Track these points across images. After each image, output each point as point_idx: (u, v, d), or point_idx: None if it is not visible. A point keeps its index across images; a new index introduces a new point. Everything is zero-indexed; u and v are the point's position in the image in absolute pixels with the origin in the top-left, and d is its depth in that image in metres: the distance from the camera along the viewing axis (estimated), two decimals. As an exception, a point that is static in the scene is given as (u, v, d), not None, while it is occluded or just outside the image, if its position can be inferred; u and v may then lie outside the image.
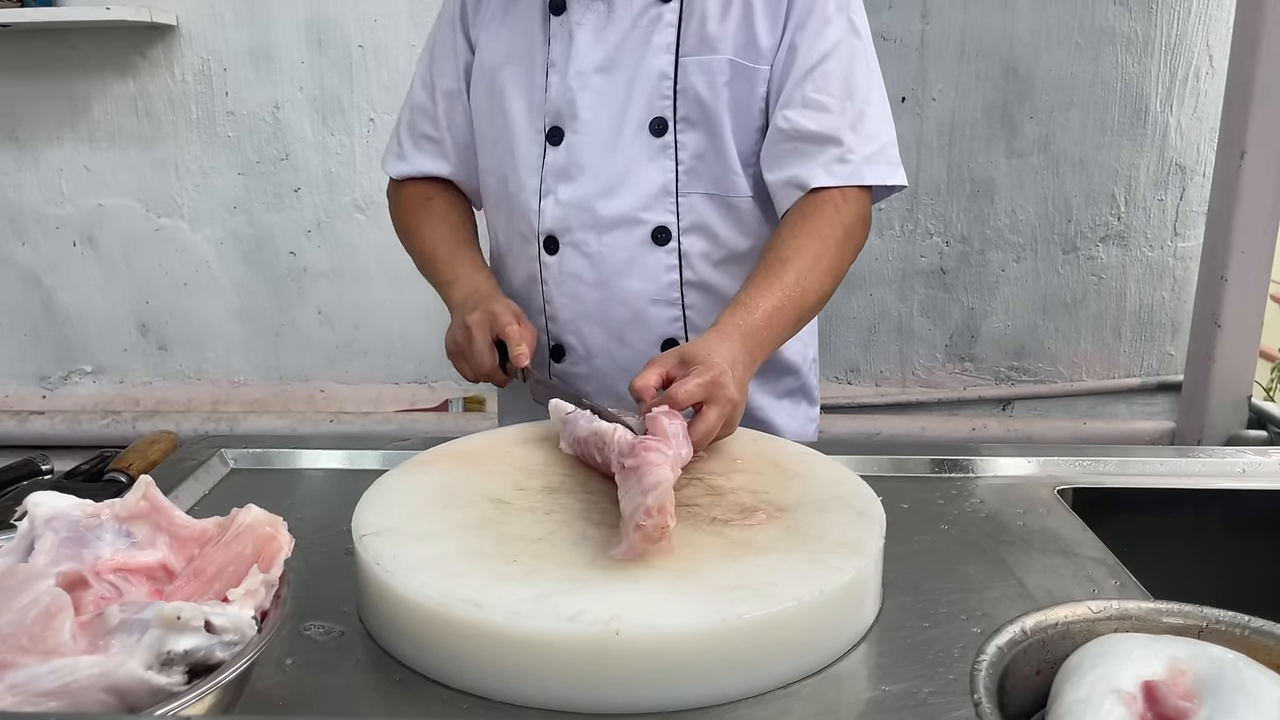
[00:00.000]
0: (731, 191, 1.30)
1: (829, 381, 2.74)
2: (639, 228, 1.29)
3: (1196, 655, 0.64)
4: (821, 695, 0.78)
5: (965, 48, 2.51)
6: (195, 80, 2.59)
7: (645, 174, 1.28)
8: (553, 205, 1.31)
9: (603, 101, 1.28)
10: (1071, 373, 2.71)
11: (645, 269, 1.30)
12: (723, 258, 1.32)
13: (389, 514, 0.93)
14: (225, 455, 1.28)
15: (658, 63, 1.26)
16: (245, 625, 0.67)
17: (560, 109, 1.29)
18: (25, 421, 2.71)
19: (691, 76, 1.26)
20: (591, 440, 1.02)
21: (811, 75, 1.25)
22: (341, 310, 2.72)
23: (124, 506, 0.76)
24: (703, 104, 1.27)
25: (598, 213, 1.29)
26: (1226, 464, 1.26)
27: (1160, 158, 2.55)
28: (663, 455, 0.90)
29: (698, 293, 1.32)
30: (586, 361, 1.35)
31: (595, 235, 1.30)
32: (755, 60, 1.27)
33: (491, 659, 0.76)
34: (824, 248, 1.22)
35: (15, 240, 2.71)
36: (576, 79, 1.28)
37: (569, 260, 1.31)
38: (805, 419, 1.44)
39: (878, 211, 2.57)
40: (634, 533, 0.81)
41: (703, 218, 1.30)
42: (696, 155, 1.28)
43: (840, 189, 1.25)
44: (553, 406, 1.12)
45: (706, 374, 1.03)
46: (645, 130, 1.27)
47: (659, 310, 1.32)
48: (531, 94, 1.31)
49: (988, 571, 0.98)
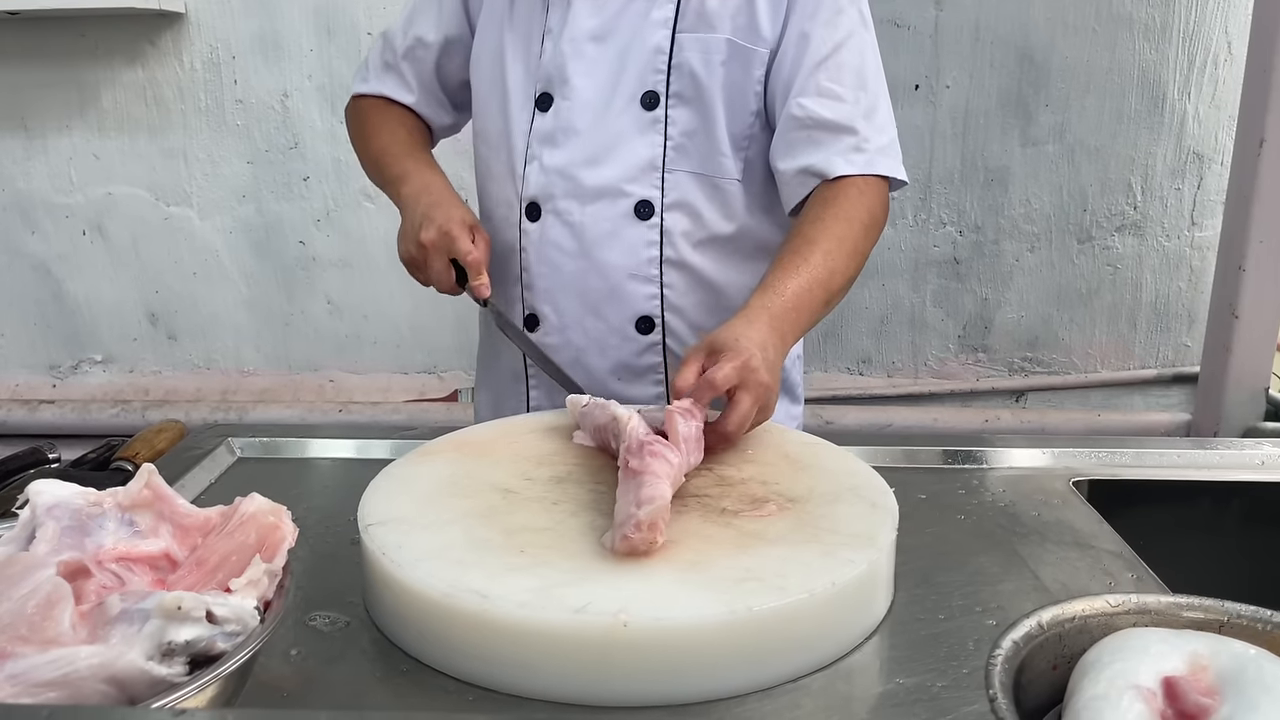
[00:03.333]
0: (718, 172, 1.29)
1: (840, 373, 2.72)
2: (622, 200, 1.28)
3: (1218, 650, 0.62)
4: (832, 689, 0.77)
5: (980, 34, 2.48)
6: (204, 68, 2.58)
7: (633, 146, 1.28)
8: (537, 171, 1.30)
9: (595, 70, 1.28)
10: (1086, 364, 2.69)
11: (626, 242, 1.29)
12: (704, 238, 1.31)
13: (395, 503, 0.92)
14: (232, 444, 1.27)
15: (654, 37, 1.26)
16: (247, 615, 0.67)
17: (551, 75, 1.29)
18: (35, 410, 2.72)
19: (687, 53, 1.26)
20: (609, 426, 1.01)
21: (825, 64, 1.25)
22: (351, 300, 2.72)
23: (126, 495, 0.75)
24: (697, 81, 1.26)
25: (582, 181, 1.29)
26: (1245, 456, 1.24)
27: (1178, 146, 2.52)
28: (667, 465, 0.89)
29: (677, 271, 1.31)
30: (559, 332, 1.34)
31: (578, 204, 1.29)
32: (754, 42, 1.26)
33: (498, 650, 0.75)
34: (849, 230, 1.20)
35: (25, 229, 2.71)
36: (570, 45, 1.28)
37: (550, 228, 1.31)
38: (787, 416, 1.43)
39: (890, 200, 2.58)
40: (619, 542, 0.81)
41: (687, 196, 1.29)
42: (686, 133, 1.28)
43: (861, 176, 1.24)
44: (570, 401, 1.12)
45: (737, 358, 1.01)
46: (636, 102, 1.27)
47: (636, 286, 1.31)
48: (528, 60, 1.32)
49: (1002, 564, 0.97)
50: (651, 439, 0.93)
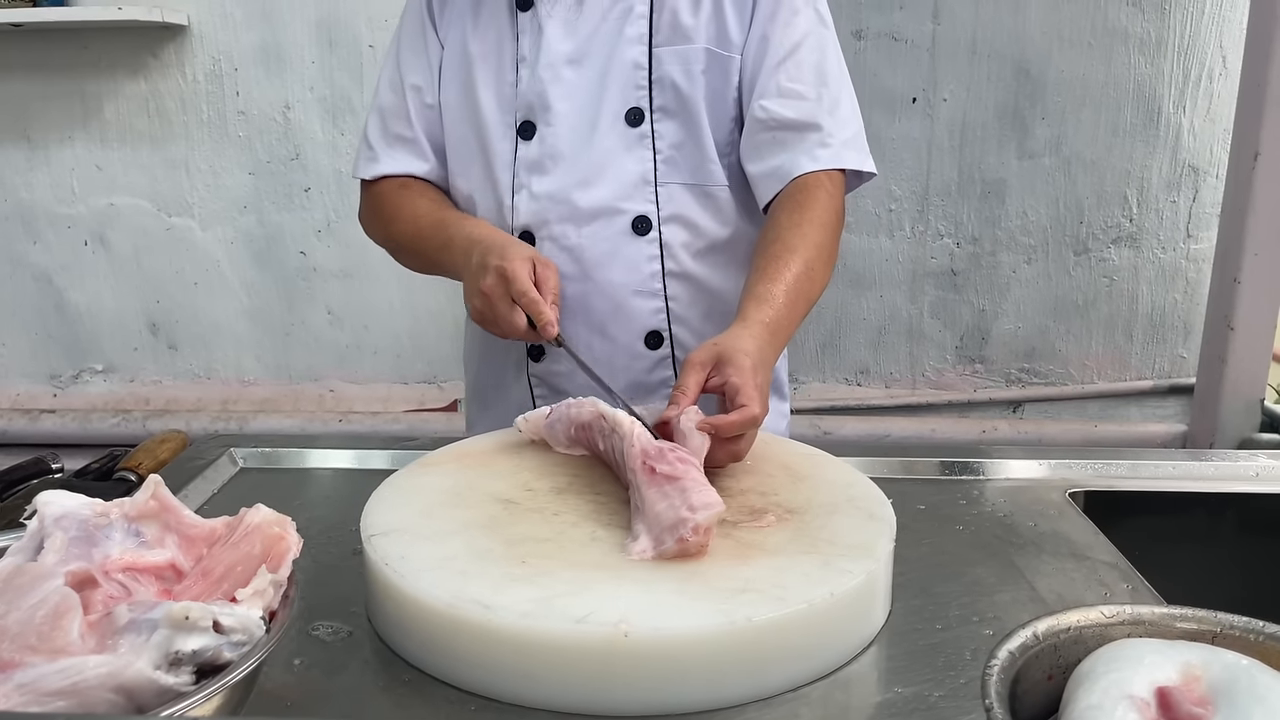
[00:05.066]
0: (709, 181, 1.30)
1: (838, 383, 2.73)
2: (619, 218, 1.29)
3: (1210, 661, 0.63)
4: (831, 699, 0.78)
5: (977, 48, 2.50)
6: (206, 80, 2.59)
7: (623, 164, 1.28)
8: (526, 200, 1.30)
9: (575, 93, 1.28)
10: (1082, 375, 2.70)
11: (626, 260, 1.29)
12: (703, 248, 1.32)
13: (398, 514, 0.93)
14: (234, 454, 1.28)
15: (631, 53, 1.27)
16: (253, 625, 0.67)
17: (531, 102, 1.28)
18: (36, 420, 2.72)
19: (667, 66, 1.27)
20: (596, 424, 1.01)
21: (784, 65, 1.26)
22: (351, 310, 2.73)
23: (133, 506, 0.76)
24: (680, 93, 1.27)
25: (576, 204, 1.28)
26: (1240, 467, 1.25)
27: (1173, 159, 2.54)
28: (702, 472, 0.90)
29: (680, 284, 1.32)
30: (567, 358, 1.33)
31: (574, 227, 1.29)
32: (728, 49, 1.28)
33: (499, 660, 0.76)
34: (825, 235, 1.21)
35: (27, 239, 2.72)
36: (548, 71, 1.27)
37: (547, 255, 1.29)
38: (777, 414, 1.44)
39: (887, 212, 2.60)
40: (675, 543, 0.82)
41: (682, 208, 1.30)
42: (674, 145, 1.29)
43: (826, 173, 1.25)
44: (521, 421, 1.10)
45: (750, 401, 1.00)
46: (621, 120, 1.27)
47: (641, 302, 1.31)
48: (501, 89, 1.30)
49: (998, 575, 0.98)
50: (670, 445, 0.93)
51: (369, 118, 1.39)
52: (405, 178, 1.37)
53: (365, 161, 1.38)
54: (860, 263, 2.63)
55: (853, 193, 1.33)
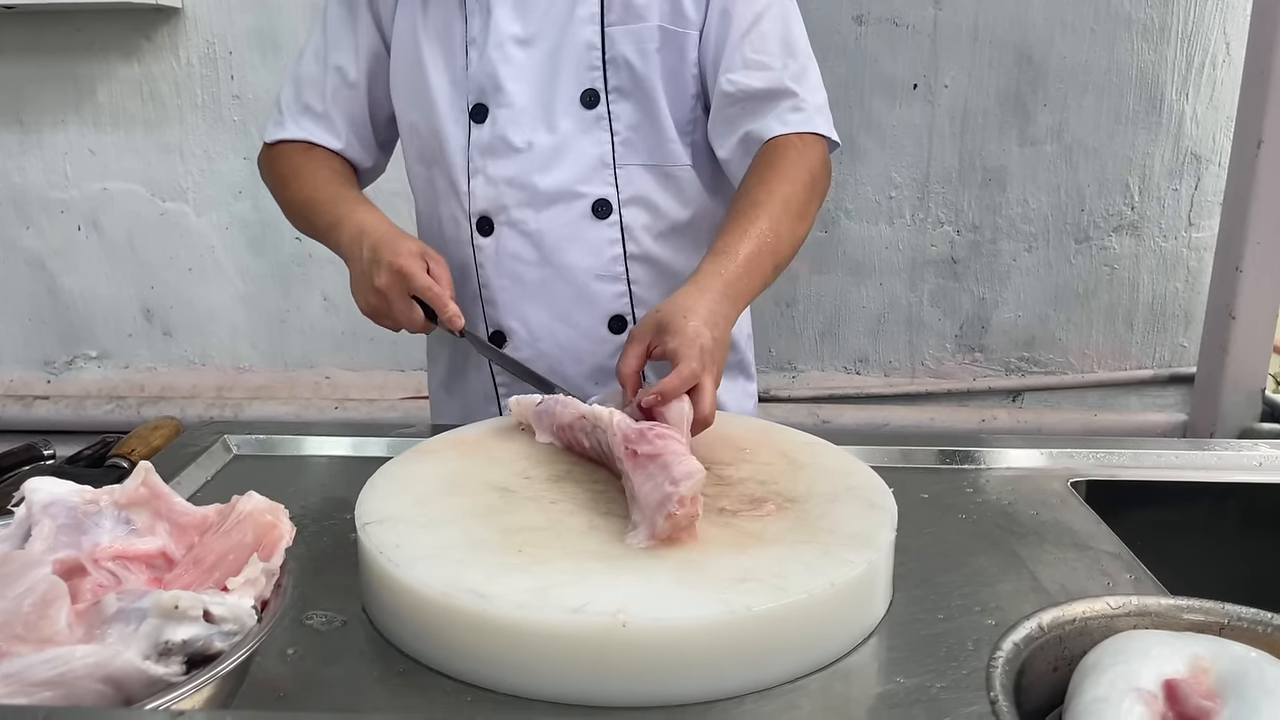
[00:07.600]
0: (669, 160, 1.29)
1: (837, 372, 2.72)
2: (578, 201, 1.27)
3: (1219, 653, 0.62)
4: (831, 690, 0.77)
5: (979, 34, 2.48)
6: (200, 64, 2.57)
7: (580, 147, 1.26)
8: (483, 184, 1.28)
9: (527, 75, 1.26)
10: (1083, 364, 2.69)
11: (587, 243, 1.28)
12: (665, 229, 1.31)
13: (393, 502, 0.92)
14: (229, 441, 1.27)
15: (583, 33, 1.25)
16: (244, 615, 0.66)
17: (483, 84, 1.26)
18: (30, 406, 2.71)
19: (620, 46, 1.25)
20: (578, 425, 1.00)
21: (749, 36, 1.25)
22: (347, 296, 2.64)
23: (123, 493, 0.75)
24: (635, 73, 1.25)
25: (535, 188, 1.27)
26: (1242, 457, 1.24)
27: (1175, 147, 2.52)
28: (682, 444, 0.89)
29: (642, 266, 1.31)
30: (530, 345, 1.31)
31: (533, 212, 1.27)
32: (683, 26, 1.26)
33: (495, 650, 0.75)
34: (793, 190, 1.19)
35: (20, 224, 2.69)
36: (497, 51, 1.25)
37: (506, 240, 1.29)
38: (743, 394, 1.43)
39: (887, 199, 2.58)
40: (665, 520, 0.81)
41: (642, 189, 1.29)
42: (631, 126, 1.27)
43: (798, 135, 1.23)
44: (514, 404, 1.10)
45: (686, 347, 0.98)
46: (576, 103, 1.26)
47: (603, 286, 1.30)
48: (453, 72, 1.28)
49: (1000, 565, 0.97)
50: (649, 424, 0.92)
51: (285, 83, 1.39)
52: (308, 144, 1.37)
53: (273, 125, 1.39)
54: (860, 250, 2.62)
55: (854, 179, 1.32)
